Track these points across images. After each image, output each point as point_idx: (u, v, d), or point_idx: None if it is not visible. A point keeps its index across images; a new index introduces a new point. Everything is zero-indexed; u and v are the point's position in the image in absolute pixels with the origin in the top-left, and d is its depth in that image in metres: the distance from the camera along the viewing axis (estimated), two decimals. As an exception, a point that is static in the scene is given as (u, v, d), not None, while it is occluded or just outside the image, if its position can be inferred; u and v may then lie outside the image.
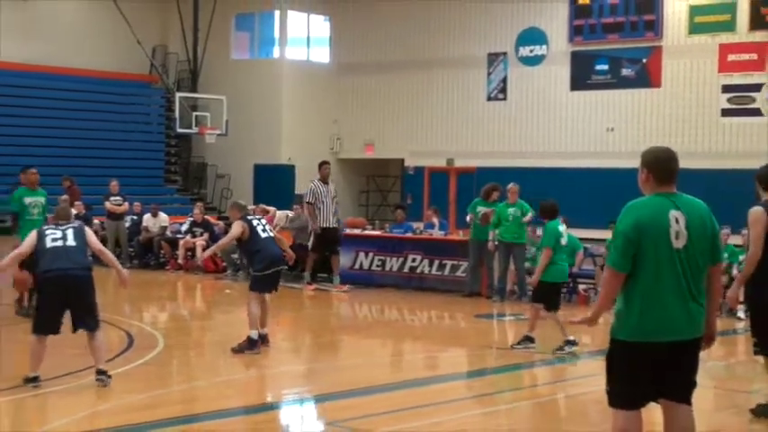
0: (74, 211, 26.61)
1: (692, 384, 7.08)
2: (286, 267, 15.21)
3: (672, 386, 6.97)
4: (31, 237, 11.25)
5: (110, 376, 10.75)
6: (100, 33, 39.24)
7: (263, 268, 13.56)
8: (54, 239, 11.02)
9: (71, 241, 11.00)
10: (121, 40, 38.15)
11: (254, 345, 13.14)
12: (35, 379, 10.60)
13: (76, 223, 11.73)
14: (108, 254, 11.89)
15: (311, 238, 21.21)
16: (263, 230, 13.86)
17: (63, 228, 11.26)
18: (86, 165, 34.87)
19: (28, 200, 15.05)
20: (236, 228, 13.76)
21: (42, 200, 15.00)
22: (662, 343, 6.82)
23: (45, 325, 10.77)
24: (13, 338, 14.09)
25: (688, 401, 7.05)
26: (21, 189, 15.50)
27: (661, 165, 7.09)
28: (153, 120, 40.28)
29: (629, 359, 6.87)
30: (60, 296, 10.81)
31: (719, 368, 12.74)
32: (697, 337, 6.93)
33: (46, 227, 11.68)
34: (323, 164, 21.95)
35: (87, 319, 10.84)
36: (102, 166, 34.43)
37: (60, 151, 35.65)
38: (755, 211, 9.63)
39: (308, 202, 21.21)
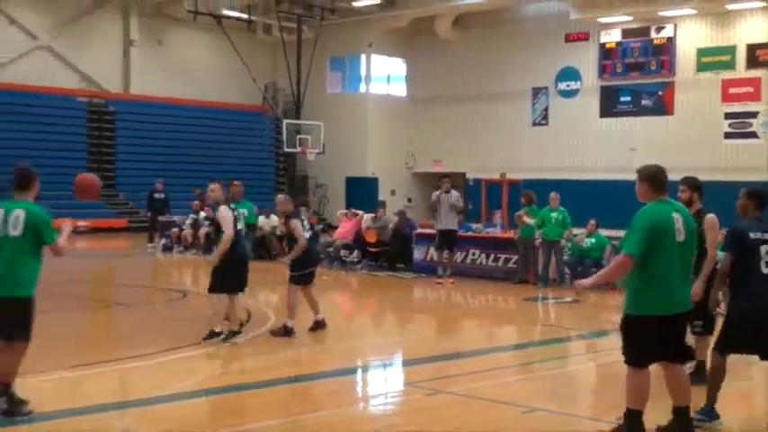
0: (203, 214, 27.13)
1: (686, 347, 7.52)
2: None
3: (672, 350, 7.27)
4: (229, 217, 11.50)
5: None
6: (223, 72, 39.67)
7: (302, 267, 12.60)
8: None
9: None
10: (240, 78, 38.52)
11: (289, 332, 12.22)
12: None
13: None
14: None
15: (436, 238, 19.91)
16: (307, 230, 13.03)
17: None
18: (213, 177, 35.07)
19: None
20: (299, 227, 12.52)
21: (246, 212, 13.68)
22: (669, 315, 7.13)
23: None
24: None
25: (683, 362, 7.51)
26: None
27: (657, 178, 7.38)
28: (265, 141, 40.57)
29: (645, 328, 7.11)
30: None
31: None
32: (689, 310, 7.37)
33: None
34: (443, 177, 21.18)
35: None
36: (225, 178, 34.61)
37: (192, 167, 36.06)
38: (712, 218, 9.17)
39: (430, 208, 20.44)
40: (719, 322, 8.38)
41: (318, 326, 12.69)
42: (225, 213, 11.56)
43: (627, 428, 7.22)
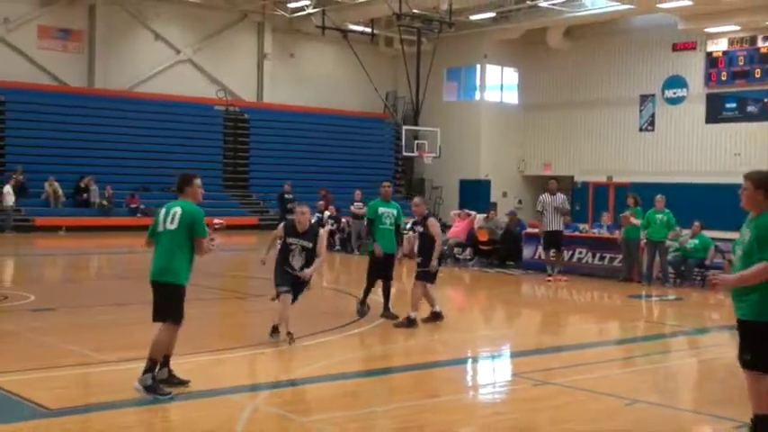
0: (327, 213, 27.47)
1: None
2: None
3: None
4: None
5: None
6: (348, 82, 40.16)
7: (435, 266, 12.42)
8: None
9: None
10: (363, 87, 38.93)
11: (412, 323, 12.16)
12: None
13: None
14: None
15: (542, 240, 19.73)
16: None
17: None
18: (338, 179, 35.72)
19: (381, 210, 13.30)
20: (437, 227, 12.58)
21: (394, 211, 13.32)
22: None
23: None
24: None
25: None
26: (377, 201, 13.72)
27: None
28: (386, 146, 40.89)
29: None
30: None
31: None
32: None
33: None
34: (550, 180, 20.85)
35: None
36: (348, 179, 35.17)
37: (320, 169, 36.69)
38: None
39: (537, 211, 19.96)
40: None
41: (437, 317, 12.68)
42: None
43: None
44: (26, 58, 33.96)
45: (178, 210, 8.20)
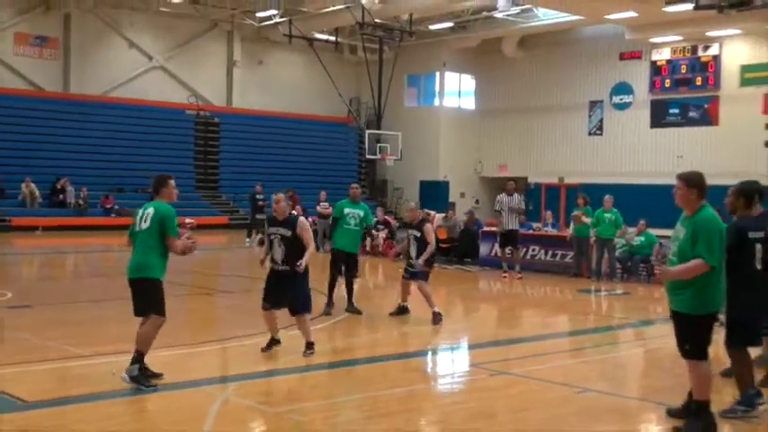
0: (293, 212, 27.37)
1: None
2: None
3: None
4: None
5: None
6: (313, 88, 40.05)
7: (429, 265, 12.66)
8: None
9: None
10: (328, 94, 38.83)
11: (439, 316, 12.38)
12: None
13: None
14: None
15: (498, 237, 19.66)
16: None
17: None
18: (304, 180, 35.58)
19: (347, 210, 13.10)
20: (432, 233, 12.63)
21: (361, 212, 13.10)
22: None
23: None
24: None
25: None
26: (344, 201, 13.45)
27: (704, 185, 6.98)
28: (350, 149, 40.83)
29: (710, 324, 6.91)
30: None
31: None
32: None
33: None
34: (508, 181, 20.69)
35: None
36: (314, 181, 35.06)
37: (287, 170, 36.51)
38: None
39: (495, 210, 19.71)
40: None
41: (402, 311, 12.96)
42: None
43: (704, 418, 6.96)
44: (3, 64, 33.53)
45: (151, 210, 8.21)
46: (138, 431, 7.09)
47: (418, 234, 12.54)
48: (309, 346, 9.66)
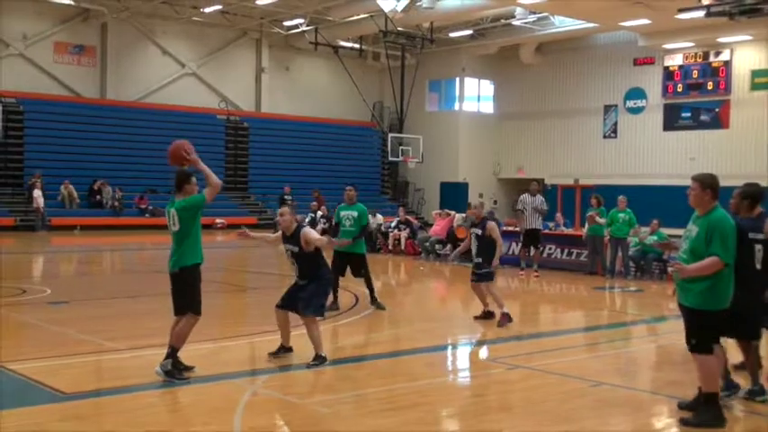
0: (320, 213, 27.46)
1: None
2: None
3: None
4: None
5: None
6: (338, 94, 40.16)
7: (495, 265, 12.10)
8: None
9: None
10: (352, 98, 38.99)
11: (508, 316, 11.87)
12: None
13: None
14: None
15: (521, 237, 19.47)
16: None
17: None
18: (329, 181, 35.64)
19: (342, 213, 12.96)
20: (497, 230, 12.09)
21: (354, 213, 12.85)
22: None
23: None
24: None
25: None
26: (341, 205, 13.33)
27: (718, 187, 6.95)
28: (373, 152, 40.86)
29: (721, 320, 6.89)
30: None
31: None
32: None
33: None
34: (532, 182, 20.54)
35: None
36: (339, 182, 34.98)
37: (313, 172, 36.62)
38: None
39: (517, 209, 19.65)
40: None
41: (488, 316, 12.31)
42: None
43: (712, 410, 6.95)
44: (43, 72, 33.85)
45: (173, 211, 8.25)
46: (171, 421, 7.12)
47: (479, 232, 12.08)
48: (317, 357, 8.86)
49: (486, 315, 12.27)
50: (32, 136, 32.30)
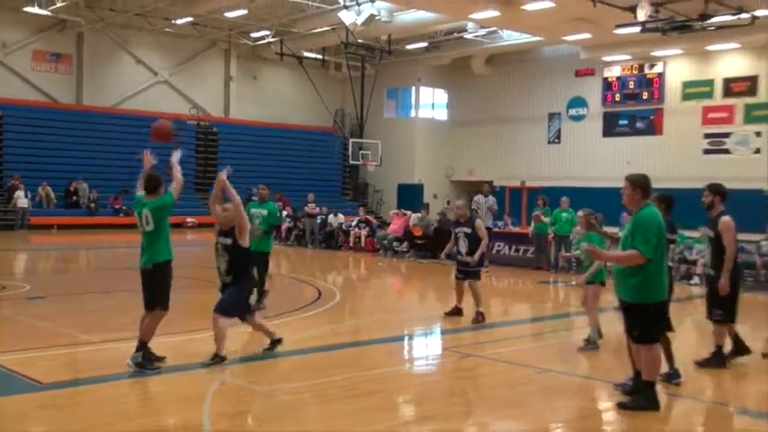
0: (285, 213, 27.34)
1: None
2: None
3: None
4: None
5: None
6: (302, 101, 39.95)
7: (481, 264, 11.90)
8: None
9: None
10: (316, 106, 38.84)
11: (482, 316, 11.60)
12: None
13: None
14: None
15: None
16: None
17: None
18: (294, 184, 35.58)
19: (253, 211, 12.16)
20: (483, 228, 11.83)
21: (264, 212, 12.27)
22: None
23: None
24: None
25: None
26: (252, 203, 12.92)
27: (649, 186, 7.03)
28: (335, 156, 40.69)
29: (660, 311, 7.00)
30: None
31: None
32: None
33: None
34: (484, 184, 20.62)
35: None
36: (303, 184, 35.05)
37: (279, 175, 36.36)
38: (729, 220, 8.55)
39: (472, 210, 19.90)
40: None
41: (458, 312, 12.01)
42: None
43: (649, 396, 7.02)
44: (22, 79, 33.25)
45: (146, 212, 8.16)
46: (143, 409, 7.03)
47: (469, 231, 11.72)
48: (215, 357, 8.26)
49: (457, 311, 12.05)
50: (11, 140, 31.72)
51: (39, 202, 30.68)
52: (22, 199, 29.38)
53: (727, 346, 8.95)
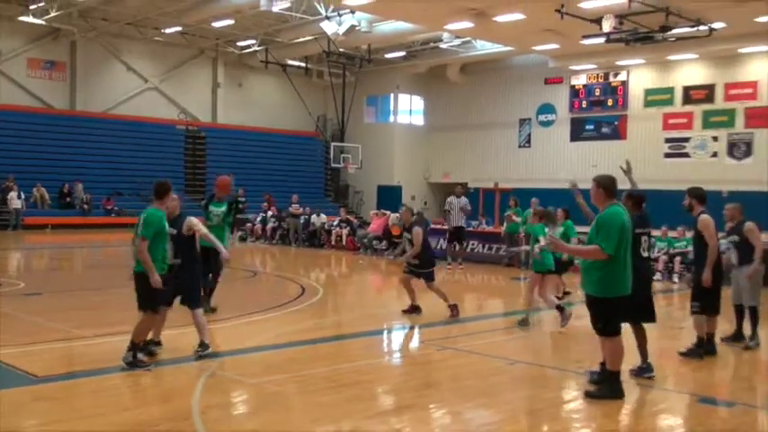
0: (270, 213, 27.24)
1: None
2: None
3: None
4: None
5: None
6: (286, 107, 39.88)
7: (431, 265, 11.78)
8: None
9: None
10: (299, 112, 38.78)
11: (456, 308, 11.59)
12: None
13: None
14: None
15: (447, 234, 19.32)
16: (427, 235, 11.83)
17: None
18: (278, 185, 35.46)
19: (210, 209, 11.46)
20: (420, 236, 11.49)
21: (219, 210, 11.48)
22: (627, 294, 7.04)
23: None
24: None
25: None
26: (212, 201, 11.70)
27: (613, 186, 7.09)
28: (317, 159, 40.64)
29: (620, 305, 6.99)
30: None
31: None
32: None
33: None
34: (458, 185, 20.50)
35: None
36: (287, 186, 34.99)
37: (264, 177, 36.32)
38: (708, 218, 8.72)
39: (445, 210, 19.60)
40: None
41: (415, 310, 11.92)
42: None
43: (614, 386, 7.08)
44: (17, 85, 32.94)
45: (142, 215, 8.01)
46: (135, 401, 7.00)
47: (410, 236, 11.64)
48: (201, 344, 8.33)
49: (414, 309, 11.97)
50: (7, 144, 31.35)
51: (33, 202, 30.40)
52: (15, 200, 29.08)
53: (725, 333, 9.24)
